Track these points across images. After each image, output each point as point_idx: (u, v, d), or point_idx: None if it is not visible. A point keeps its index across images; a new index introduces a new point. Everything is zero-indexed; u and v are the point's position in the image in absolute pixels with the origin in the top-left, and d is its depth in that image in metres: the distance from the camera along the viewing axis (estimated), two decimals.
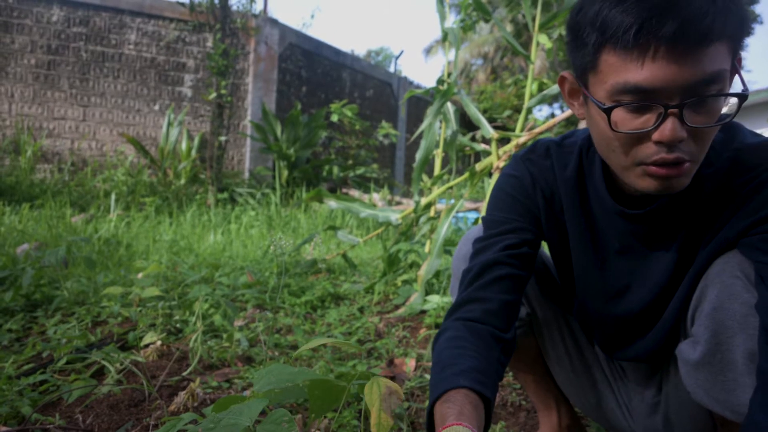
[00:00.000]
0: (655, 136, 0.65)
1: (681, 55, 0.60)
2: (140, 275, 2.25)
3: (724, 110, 0.67)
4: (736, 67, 0.64)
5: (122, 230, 3.80)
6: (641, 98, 0.63)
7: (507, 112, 11.49)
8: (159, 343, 1.56)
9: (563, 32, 2.78)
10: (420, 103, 10.35)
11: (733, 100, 0.66)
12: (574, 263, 0.91)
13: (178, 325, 1.85)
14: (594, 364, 1.03)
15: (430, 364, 1.62)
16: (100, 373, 1.44)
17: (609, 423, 1.04)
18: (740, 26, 0.62)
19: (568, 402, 1.13)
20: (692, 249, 0.79)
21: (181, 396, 1.21)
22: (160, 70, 6.56)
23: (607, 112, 0.66)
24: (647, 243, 0.82)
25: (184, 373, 1.45)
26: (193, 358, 1.50)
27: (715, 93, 0.63)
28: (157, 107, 6.56)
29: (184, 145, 6.32)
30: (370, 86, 9.16)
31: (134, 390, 1.32)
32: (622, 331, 0.91)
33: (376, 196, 5.53)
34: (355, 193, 6.17)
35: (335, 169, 6.97)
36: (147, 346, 1.58)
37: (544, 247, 1.02)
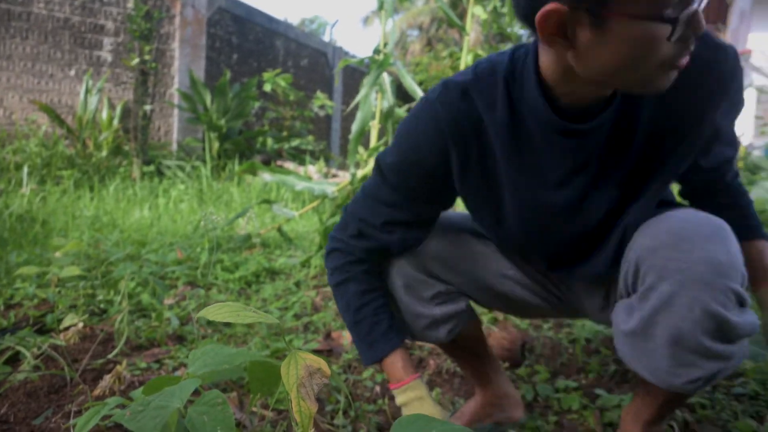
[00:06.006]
0: (698, 29, 0.67)
1: None
2: (58, 254, 2.10)
3: None
4: None
5: (37, 206, 3.53)
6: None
7: None
8: (81, 324, 1.47)
9: (497, 4, 2.80)
10: (356, 74, 10.20)
11: None
12: (515, 196, 0.87)
13: (102, 306, 1.75)
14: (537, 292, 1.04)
15: None
16: (15, 360, 1.34)
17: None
18: None
19: (503, 373, 1.17)
20: (649, 160, 0.81)
21: (107, 379, 1.14)
22: (75, 32, 6.07)
23: (673, 22, 0.65)
24: (594, 159, 0.82)
25: (110, 356, 1.38)
26: (119, 339, 1.43)
27: None
28: (72, 72, 6.08)
29: (104, 114, 5.91)
30: (305, 55, 8.91)
31: (54, 376, 1.25)
32: (569, 253, 0.92)
33: (311, 169, 5.44)
34: (290, 165, 6.04)
35: (269, 141, 6.77)
36: (67, 328, 1.49)
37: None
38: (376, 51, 2.50)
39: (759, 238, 0.95)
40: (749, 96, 8.47)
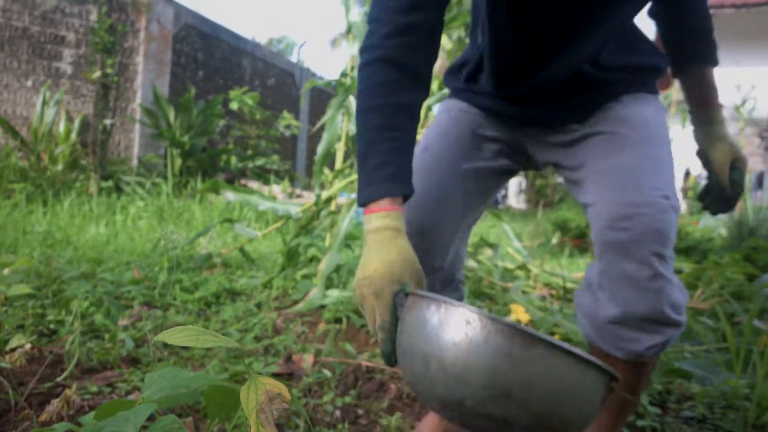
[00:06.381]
0: None
1: None
2: (7, 271, 2.02)
3: None
4: None
5: None
6: None
7: None
8: (28, 346, 1.41)
9: (462, 34, 2.89)
10: (322, 95, 10.26)
11: None
12: None
13: (52, 326, 1.68)
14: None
15: (329, 359, 1.61)
16: None
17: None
18: None
19: None
20: None
21: (54, 404, 1.10)
22: (34, 42, 5.91)
23: None
24: None
25: (59, 379, 1.32)
26: (70, 361, 1.37)
27: None
28: (29, 83, 5.91)
29: (62, 127, 5.74)
30: (272, 75, 8.92)
31: None
32: (550, 44, 0.92)
33: (276, 189, 5.41)
34: (254, 184, 5.99)
35: (233, 159, 6.71)
36: (14, 350, 1.42)
37: None
38: (343, 74, 2.53)
39: (714, 64, 1.05)
40: None
